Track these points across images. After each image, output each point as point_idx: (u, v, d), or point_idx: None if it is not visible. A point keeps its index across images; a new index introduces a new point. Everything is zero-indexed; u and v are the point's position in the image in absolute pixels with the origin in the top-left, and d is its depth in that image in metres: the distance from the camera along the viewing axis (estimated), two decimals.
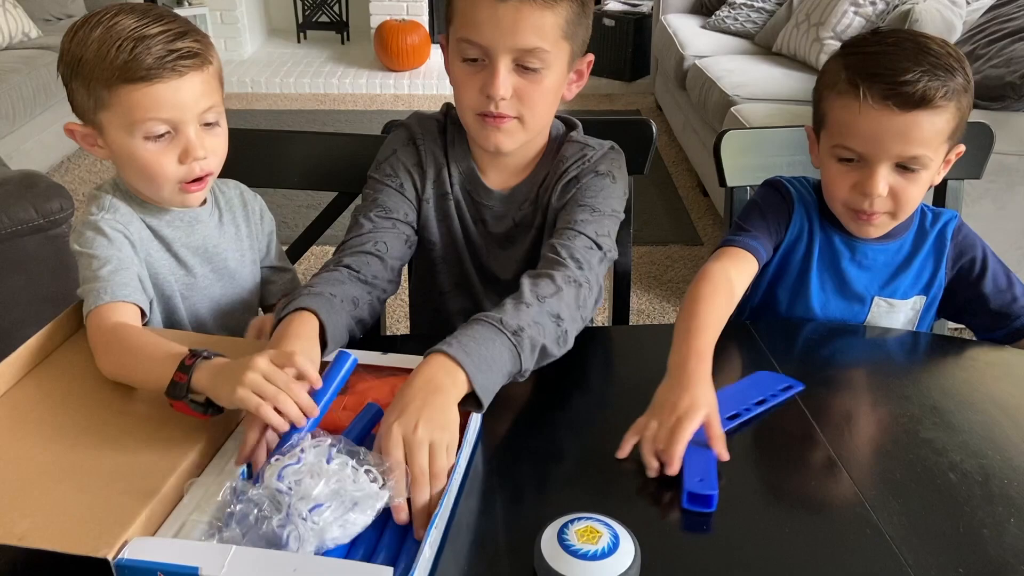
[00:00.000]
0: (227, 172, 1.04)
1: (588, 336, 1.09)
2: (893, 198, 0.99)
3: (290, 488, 0.66)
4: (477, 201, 1.11)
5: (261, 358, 0.75)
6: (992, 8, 2.37)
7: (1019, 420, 0.91)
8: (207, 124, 0.95)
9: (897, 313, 1.12)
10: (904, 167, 0.97)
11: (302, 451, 0.70)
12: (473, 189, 1.11)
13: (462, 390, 0.78)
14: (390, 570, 0.61)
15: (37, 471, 0.73)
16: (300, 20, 5.36)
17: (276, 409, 0.73)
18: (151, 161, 0.92)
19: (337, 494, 0.67)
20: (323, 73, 4.82)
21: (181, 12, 4.59)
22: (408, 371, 0.84)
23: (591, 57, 1.06)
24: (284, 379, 0.74)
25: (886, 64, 0.95)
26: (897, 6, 2.83)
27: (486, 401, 0.80)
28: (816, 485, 0.80)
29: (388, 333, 1.75)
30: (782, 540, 0.74)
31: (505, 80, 0.95)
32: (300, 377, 0.76)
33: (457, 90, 1.01)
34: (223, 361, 0.78)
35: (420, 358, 0.81)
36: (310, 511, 0.65)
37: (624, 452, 0.82)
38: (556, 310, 0.89)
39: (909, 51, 0.95)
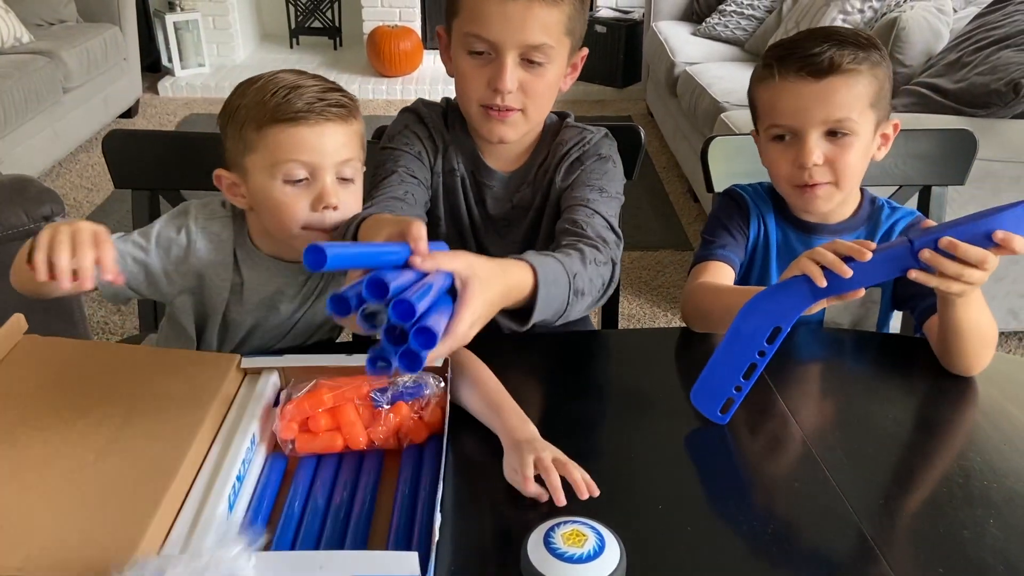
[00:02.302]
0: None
1: (578, 340, 1.10)
2: (830, 167, 1.04)
3: None
4: (480, 181, 1.14)
5: (74, 224, 0.80)
6: (978, 16, 2.40)
7: (999, 423, 0.92)
8: (343, 179, 0.98)
9: (851, 305, 1.15)
10: (833, 133, 1.03)
11: None
12: (476, 169, 1.13)
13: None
14: (415, 555, 0.61)
15: (19, 496, 0.69)
16: (293, 26, 5.36)
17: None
18: (285, 202, 0.96)
19: None
20: None
21: (174, 18, 4.60)
22: None
23: (585, 51, 1.09)
24: (88, 240, 0.79)
25: (797, 46, 1.04)
26: (885, 13, 2.85)
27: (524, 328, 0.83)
28: (799, 487, 0.81)
29: None
30: (765, 542, 0.74)
31: (512, 75, 0.98)
32: None
33: (461, 82, 1.03)
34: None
35: None
36: None
37: None
38: (600, 279, 0.92)
39: (819, 35, 1.04)
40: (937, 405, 0.97)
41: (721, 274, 1.10)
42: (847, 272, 0.80)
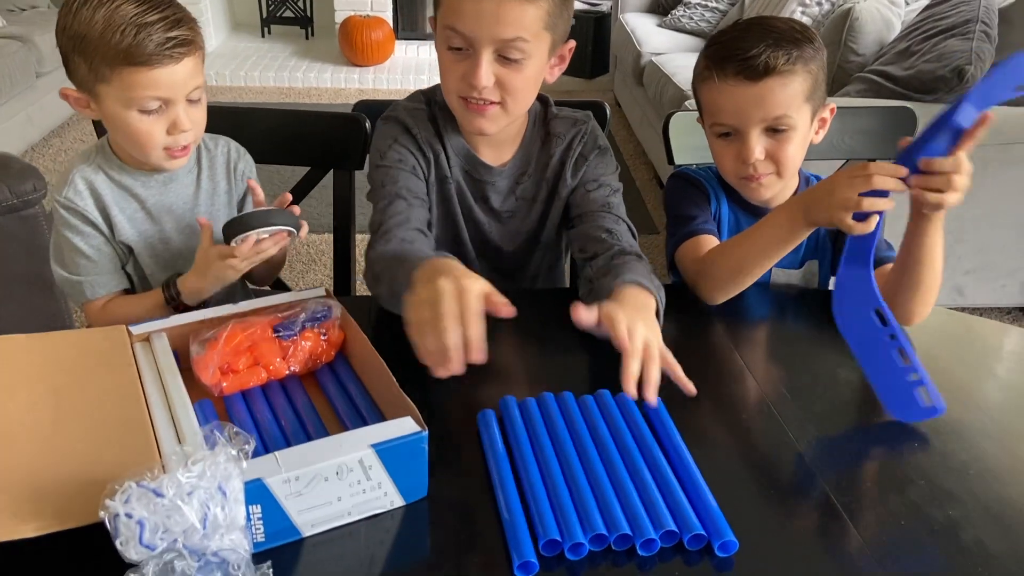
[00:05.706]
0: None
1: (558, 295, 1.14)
2: (772, 159, 1.10)
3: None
4: (478, 179, 1.16)
5: (214, 249, 1.00)
6: (928, 7, 2.52)
7: (947, 383, 0.91)
8: (191, 100, 1.04)
9: (792, 282, 1.22)
10: (773, 129, 1.08)
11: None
12: (472, 168, 1.15)
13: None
14: (409, 418, 0.71)
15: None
16: (264, 15, 5.37)
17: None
18: (142, 131, 1.02)
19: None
20: (288, 67, 4.85)
21: None
22: (279, 307, 0.93)
23: (573, 43, 1.09)
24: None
25: (735, 47, 1.07)
26: (841, 5, 2.97)
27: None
28: (786, 481, 0.81)
29: (359, 293, 1.75)
30: (751, 531, 0.72)
31: (487, 71, 0.99)
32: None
33: (443, 74, 1.05)
34: (186, 276, 1.04)
35: (291, 294, 0.97)
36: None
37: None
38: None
39: (755, 33, 1.07)
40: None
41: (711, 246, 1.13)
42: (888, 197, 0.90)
